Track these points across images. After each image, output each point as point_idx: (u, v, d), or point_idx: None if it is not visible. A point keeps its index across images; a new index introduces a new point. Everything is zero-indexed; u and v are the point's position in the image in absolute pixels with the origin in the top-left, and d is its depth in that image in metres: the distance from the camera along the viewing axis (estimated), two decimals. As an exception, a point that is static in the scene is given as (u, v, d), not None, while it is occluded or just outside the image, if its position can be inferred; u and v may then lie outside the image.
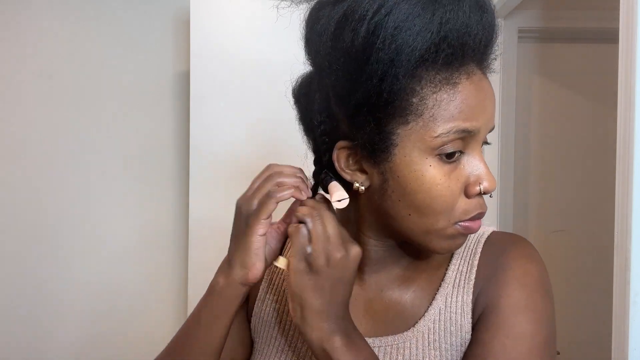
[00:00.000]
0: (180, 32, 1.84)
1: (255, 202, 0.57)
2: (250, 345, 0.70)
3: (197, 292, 1.62)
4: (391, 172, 0.53)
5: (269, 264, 0.60)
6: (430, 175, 0.52)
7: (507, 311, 0.56)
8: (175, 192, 1.86)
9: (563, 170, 2.00)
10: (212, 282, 0.60)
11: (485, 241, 0.62)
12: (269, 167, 0.60)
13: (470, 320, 0.58)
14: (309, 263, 0.54)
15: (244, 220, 0.58)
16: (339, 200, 0.55)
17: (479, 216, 0.55)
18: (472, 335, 0.58)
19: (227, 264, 0.59)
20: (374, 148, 0.53)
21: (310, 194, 0.58)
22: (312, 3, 0.56)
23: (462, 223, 0.54)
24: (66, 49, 1.82)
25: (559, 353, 1.81)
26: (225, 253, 0.63)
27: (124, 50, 1.83)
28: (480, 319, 0.57)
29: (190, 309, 1.65)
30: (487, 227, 0.64)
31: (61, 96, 1.81)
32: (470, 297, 0.59)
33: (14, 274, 1.80)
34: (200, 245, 1.62)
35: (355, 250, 0.55)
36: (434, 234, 0.54)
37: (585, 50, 1.98)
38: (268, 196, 0.56)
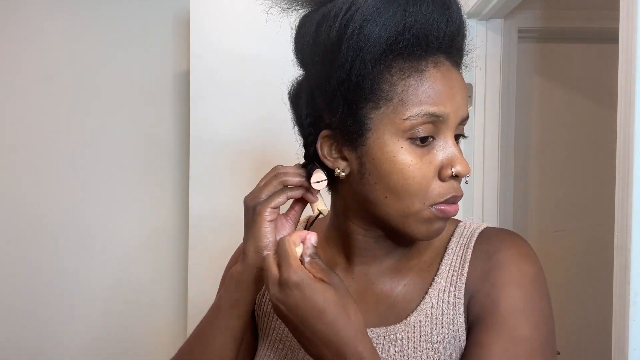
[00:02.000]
0: (180, 32, 1.84)
1: (263, 195, 0.62)
2: (250, 341, 0.73)
3: (197, 290, 1.62)
4: (367, 156, 0.57)
5: None
6: (402, 156, 0.55)
7: (506, 314, 0.56)
8: (176, 192, 1.86)
9: (563, 170, 2.00)
10: (230, 271, 0.63)
11: (478, 236, 0.63)
12: (275, 168, 0.64)
13: (462, 315, 0.59)
14: (286, 307, 0.53)
15: (251, 210, 0.62)
16: (318, 182, 0.60)
17: (454, 199, 0.57)
18: (470, 335, 0.58)
19: (243, 254, 0.62)
20: (350, 131, 0.57)
21: (317, 199, 0.63)
22: (301, 11, 0.63)
23: (437, 206, 0.57)
24: (66, 49, 1.81)
25: (559, 353, 1.81)
26: (225, 252, 0.65)
27: (124, 50, 1.83)
28: (479, 319, 0.58)
29: (190, 307, 1.66)
30: (481, 223, 0.66)
31: (61, 96, 1.81)
32: (463, 292, 0.60)
33: (14, 273, 1.80)
34: (200, 244, 1.62)
35: (332, 285, 0.52)
36: (411, 217, 0.57)
37: (585, 50, 1.98)
38: (280, 191, 0.61)
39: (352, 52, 0.54)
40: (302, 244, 0.55)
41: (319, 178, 0.60)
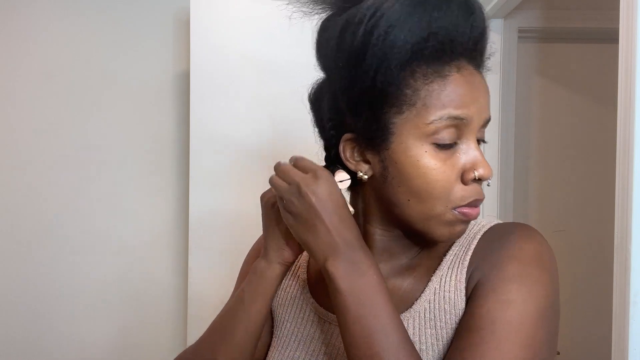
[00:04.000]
0: (180, 32, 1.84)
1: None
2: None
3: (197, 290, 1.62)
4: (390, 160, 0.57)
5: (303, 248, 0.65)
6: (425, 160, 0.56)
7: (497, 280, 0.56)
8: (175, 192, 1.86)
9: (563, 170, 2.00)
10: (253, 265, 0.66)
11: (486, 230, 0.63)
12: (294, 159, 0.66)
13: (464, 298, 0.59)
14: (290, 212, 0.59)
15: (269, 209, 0.65)
16: (341, 181, 0.60)
17: (476, 203, 0.58)
18: (465, 310, 0.59)
19: (264, 250, 0.66)
20: (374, 136, 0.58)
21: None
22: (322, 15, 0.63)
23: (459, 209, 0.57)
24: (66, 49, 1.82)
25: (558, 353, 1.81)
26: (225, 252, 0.66)
27: (124, 50, 1.83)
28: (472, 292, 0.58)
29: (190, 306, 1.66)
30: (493, 220, 0.65)
31: (61, 96, 1.81)
32: (464, 275, 0.60)
33: (14, 272, 1.80)
34: (200, 244, 1.62)
35: (321, 179, 0.57)
36: (433, 220, 0.57)
37: (585, 50, 1.98)
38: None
39: (377, 59, 0.54)
40: None
41: (342, 177, 0.61)
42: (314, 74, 0.67)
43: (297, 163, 0.61)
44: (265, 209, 0.65)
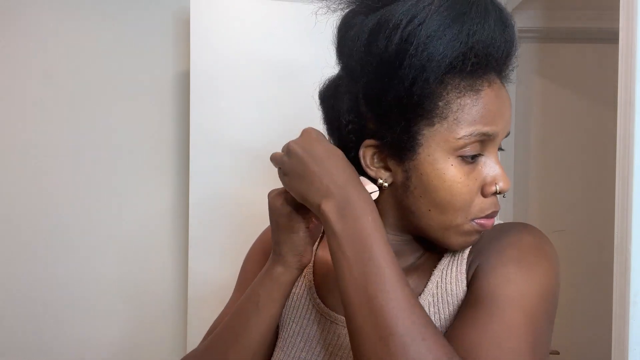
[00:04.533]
0: (180, 32, 1.84)
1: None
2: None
3: (197, 290, 1.62)
4: (415, 170, 0.57)
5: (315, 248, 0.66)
6: (451, 174, 0.56)
7: (496, 263, 0.58)
8: (175, 192, 1.86)
9: (563, 170, 2.00)
10: (267, 269, 0.65)
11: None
12: None
13: (465, 289, 0.60)
14: (286, 174, 0.59)
15: (285, 217, 0.63)
16: (370, 193, 0.59)
17: (493, 214, 0.59)
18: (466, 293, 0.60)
19: (278, 255, 0.64)
20: (401, 147, 0.57)
21: None
22: (345, 12, 0.61)
23: (477, 220, 0.58)
24: (66, 49, 1.82)
25: (558, 353, 1.81)
26: (225, 252, 0.66)
27: (124, 49, 1.83)
28: (472, 277, 0.59)
29: (190, 306, 1.65)
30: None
31: (61, 96, 1.81)
32: (464, 267, 0.61)
33: (15, 271, 1.80)
34: (200, 244, 1.62)
35: (305, 135, 0.59)
36: (451, 229, 0.58)
37: (585, 50, 1.98)
38: None
39: (415, 70, 0.53)
40: None
41: (370, 189, 0.59)
42: (315, 73, 0.67)
43: None
44: (279, 216, 0.63)
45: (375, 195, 0.59)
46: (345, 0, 0.61)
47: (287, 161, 0.58)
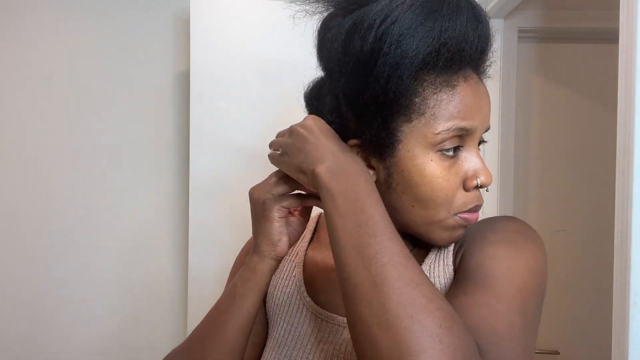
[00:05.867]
0: (180, 32, 1.84)
1: (274, 192, 0.64)
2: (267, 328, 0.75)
3: (197, 289, 1.62)
4: (396, 167, 0.58)
5: (293, 242, 0.66)
6: (431, 169, 0.57)
7: (483, 244, 0.58)
8: (176, 192, 1.86)
9: (563, 170, 2.00)
10: (246, 261, 0.66)
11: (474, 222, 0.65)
12: None
13: (452, 278, 0.61)
14: (286, 152, 0.61)
15: (260, 205, 0.64)
16: None
17: (477, 208, 0.60)
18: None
19: (255, 245, 0.65)
20: (380, 144, 0.58)
21: None
22: (324, 14, 0.63)
23: (461, 214, 0.59)
24: (66, 49, 1.82)
25: (558, 353, 1.81)
26: (225, 251, 0.66)
27: (124, 50, 1.83)
28: (459, 262, 0.60)
29: (190, 305, 1.65)
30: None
31: (61, 96, 1.81)
32: (451, 258, 0.62)
33: (15, 270, 1.80)
34: (200, 244, 1.62)
35: (308, 118, 0.61)
36: (435, 225, 0.59)
37: (585, 50, 1.98)
38: (294, 197, 0.64)
39: (389, 67, 0.54)
40: None
41: None
42: (315, 73, 0.67)
43: None
44: (255, 206, 0.65)
45: None
46: (324, 3, 0.62)
47: (288, 141, 0.60)
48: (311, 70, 0.67)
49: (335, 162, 0.56)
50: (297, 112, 0.69)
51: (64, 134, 1.81)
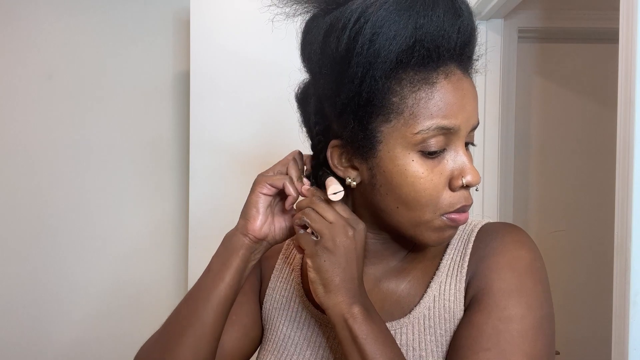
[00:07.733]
0: (180, 32, 1.84)
1: (270, 171, 0.64)
2: (258, 336, 0.73)
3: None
4: (378, 168, 0.57)
5: (281, 239, 0.65)
6: (413, 169, 0.55)
7: (498, 294, 0.57)
8: (176, 192, 1.86)
9: (563, 170, 2.00)
10: (225, 236, 0.66)
11: (478, 231, 0.64)
12: (293, 152, 0.67)
13: (462, 308, 0.60)
14: (323, 247, 0.58)
15: (253, 184, 0.64)
16: (335, 193, 0.59)
17: (464, 208, 0.58)
18: (464, 315, 0.59)
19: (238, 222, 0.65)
20: (360, 145, 0.57)
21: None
22: (307, 16, 0.61)
23: (448, 215, 0.57)
24: (66, 49, 1.82)
25: (558, 353, 1.81)
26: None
27: (124, 50, 1.83)
28: (473, 301, 0.59)
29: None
30: (482, 219, 0.67)
31: (61, 96, 1.81)
32: (463, 284, 0.61)
33: (14, 270, 1.80)
34: (200, 244, 1.62)
35: (359, 227, 0.59)
36: (422, 226, 0.58)
37: (585, 50, 1.98)
38: (282, 177, 0.63)
39: (362, 68, 0.53)
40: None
41: (335, 190, 0.59)
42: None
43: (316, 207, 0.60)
44: (257, 194, 0.64)
45: (340, 196, 0.59)
46: (304, 4, 0.61)
47: (337, 241, 0.58)
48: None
49: (364, 304, 0.57)
50: (296, 112, 0.69)
51: (64, 133, 1.81)
